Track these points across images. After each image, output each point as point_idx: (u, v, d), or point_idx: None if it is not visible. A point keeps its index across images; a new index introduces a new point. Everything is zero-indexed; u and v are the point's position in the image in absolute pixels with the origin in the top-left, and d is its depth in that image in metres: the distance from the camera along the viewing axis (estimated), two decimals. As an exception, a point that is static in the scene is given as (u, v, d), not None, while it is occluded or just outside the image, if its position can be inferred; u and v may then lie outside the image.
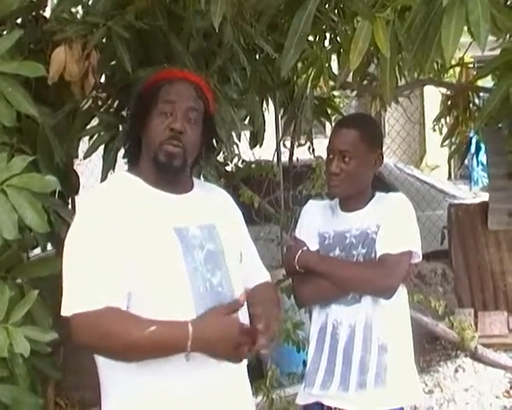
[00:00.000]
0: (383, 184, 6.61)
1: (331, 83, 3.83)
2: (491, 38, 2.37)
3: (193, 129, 2.06)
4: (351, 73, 3.72)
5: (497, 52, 2.80)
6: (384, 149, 2.63)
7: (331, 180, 2.55)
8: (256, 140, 3.90)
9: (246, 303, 2.01)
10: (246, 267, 2.16)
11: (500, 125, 4.74)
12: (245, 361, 2.02)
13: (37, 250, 2.99)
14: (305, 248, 2.56)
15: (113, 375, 1.94)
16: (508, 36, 2.71)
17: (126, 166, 2.17)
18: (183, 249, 1.96)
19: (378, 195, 2.61)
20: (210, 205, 2.13)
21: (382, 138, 2.64)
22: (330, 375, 2.48)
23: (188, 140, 2.05)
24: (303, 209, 2.71)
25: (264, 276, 2.28)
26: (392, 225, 2.48)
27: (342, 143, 2.49)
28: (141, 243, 1.90)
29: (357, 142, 2.49)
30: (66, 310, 1.87)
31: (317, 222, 2.61)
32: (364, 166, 2.53)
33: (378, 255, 2.46)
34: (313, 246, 2.58)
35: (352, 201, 2.57)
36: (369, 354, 2.45)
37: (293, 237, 2.72)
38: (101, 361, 1.96)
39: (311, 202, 2.74)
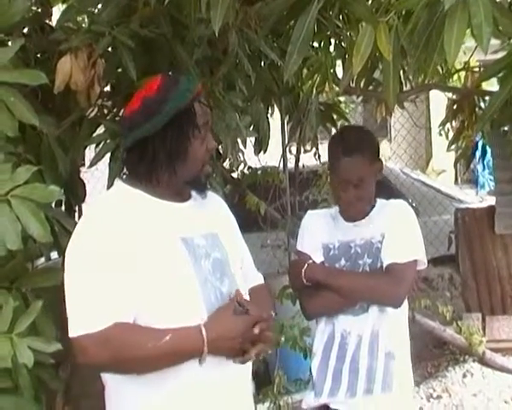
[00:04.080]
0: (389, 189, 6.65)
1: (336, 88, 3.84)
2: (496, 41, 2.37)
3: None
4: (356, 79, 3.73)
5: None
6: (390, 155, 2.65)
7: (348, 207, 2.55)
8: (261, 146, 3.91)
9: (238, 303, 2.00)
10: (244, 272, 2.17)
11: (506, 128, 4.74)
12: (249, 365, 2.04)
13: (43, 259, 3.01)
14: (311, 261, 2.56)
15: (121, 388, 1.94)
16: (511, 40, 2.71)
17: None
18: (192, 259, 1.96)
19: (379, 202, 2.62)
20: (210, 212, 2.13)
21: (378, 144, 2.64)
22: (337, 383, 2.51)
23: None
24: (302, 222, 2.71)
25: (258, 279, 2.28)
26: (397, 235, 2.50)
27: (353, 174, 2.48)
28: (149, 255, 1.89)
29: (365, 166, 2.49)
30: (71, 331, 1.84)
31: (319, 233, 2.62)
32: (372, 181, 2.55)
33: (385, 265, 2.49)
34: (318, 258, 2.59)
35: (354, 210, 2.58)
36: (376, 362, 2.49)
37: (295, 250, 2.71)
38: (107, 375, 1.96)
39: (309, 213, 2.74)
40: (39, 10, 3.16)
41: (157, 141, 1.97)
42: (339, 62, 3.52)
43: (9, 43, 2.75)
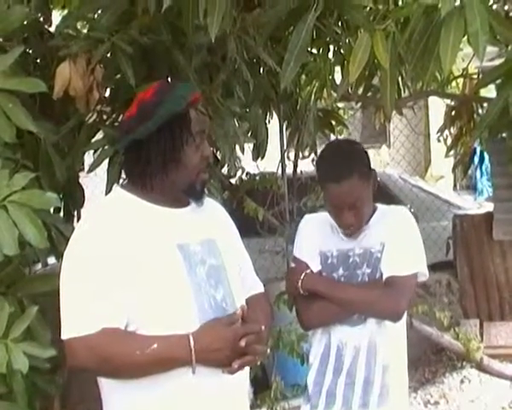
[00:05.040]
0: (388, 195, 6.65)
1: (335, 95, 3.85)
2: (495, 48, 2.38)
3: None
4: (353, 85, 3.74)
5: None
6: (388, 161, 2.60)
7: (348, 228, 2.46)
8: (258, 152, 3.92)
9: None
10: (242, 279, 2.16)
11: (504, 135, 4.75)
12: (247, 374, 2.04)
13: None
14: (309, 270, 2.50)
15: (112, 390, 1.95)
16: (509, 47, 2.71)
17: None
18: (187, 266, 1.96)
19: (380, 209, 2.54)
20: (208, 218, 2.12)
21: (368, 156, 2.52)
22: (332, 397, 2.46)
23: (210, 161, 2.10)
24: (299, 227, 2.64)
25: (257, 287, 2.27)
26: (398, 245, 2.43)
27: (349, 196, 2.38)
28: (144, 260, 1.90)
29: (359, 185, 2.39)
30: (63, 334, 1.87)
31: (316, 240, 2.55)
32: (367, 196, 2.45)
33: (385, 277, 2.41)
34: (315, 266, 2.52)
35: None
36: (372, 375, 2.43)
37: (292, 257, 2.65)
38: (102, 379, 1.97)
39: (306, 217, 2.67)
40: (39, 16, 3.17)
41: (150, 145, 1.98)
42: (337, 69, 3.53)
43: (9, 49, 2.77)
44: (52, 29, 3.15)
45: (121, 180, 2.74)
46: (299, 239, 2.61)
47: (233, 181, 4.42)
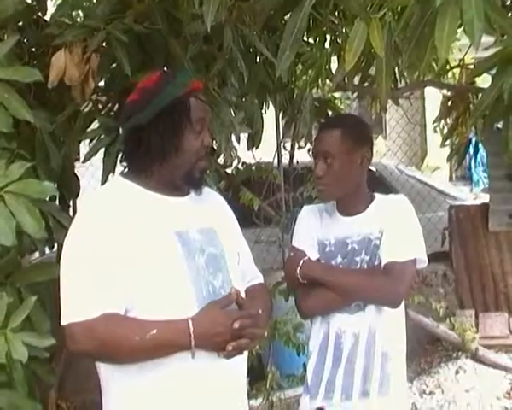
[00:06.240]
0: (384, 185, 6.66)
1: (331, 84, 3.84)
2: (491, 38, 2.37)
3: None
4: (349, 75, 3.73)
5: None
6: (385, 151, 2.61)
7: (317, 184, 2.53)
8: (254, 142, 3.91)
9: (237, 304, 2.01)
10: (241, 269, 2.17)
11: (500, 125, 4.74)
12: (245, 358, 2.05)
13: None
14: (307, 257, 2.49)
15: (111, 375, 1.96)
16: (504, 36, 2.71)
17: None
18: (185, 253, 1.98)
19: (378, 197, 2.55)
20: (208, 208, 2.14)
21: (370, 136, 2.58)
22: (332, 385, 2.45)
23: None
24: (298, 217, 2.64)
25: (257, 278, 2.29)
26: (397, 231, 2.43)
27: (323, 145, 2.47)
28: (143, 247, 1.91)
29: (337, 142, 2.44)
30: (63, 319, 1.89)
31: (314, 229, 2.55)
32: (348, 166, 2.46)
33: (384, 263, 2.41)
34: (314, 254, 2.52)
35: (349, 204, 2.52)
36: (372, 363, 2.42)
37: (290, 247, 2.65)
38: (101, 364, 1.98)
39: (305, 208, 2.67)
40: (34, 4, 3.16)
41: (151, 131, 2.01)
42: (334, 59, 3.52)
43: (5, 36, 2.76)
44: (47, 17, 3.14)
45: (117, 170, 2.73)
46: (297, 230, 2.62)
47: (229, 171, 4.41)
